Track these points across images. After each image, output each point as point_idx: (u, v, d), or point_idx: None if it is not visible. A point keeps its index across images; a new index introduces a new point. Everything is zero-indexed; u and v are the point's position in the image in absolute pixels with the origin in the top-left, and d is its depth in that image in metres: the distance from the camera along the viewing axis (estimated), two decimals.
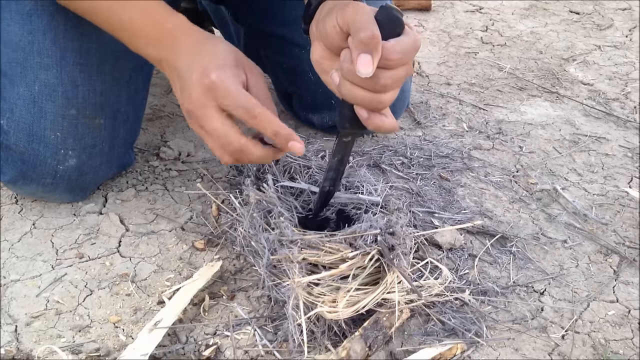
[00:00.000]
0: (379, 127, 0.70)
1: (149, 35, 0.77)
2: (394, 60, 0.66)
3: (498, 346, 0.78)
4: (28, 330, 0.78)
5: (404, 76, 0.68)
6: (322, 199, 0.87)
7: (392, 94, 0.69)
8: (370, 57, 0.63)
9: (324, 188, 0.85)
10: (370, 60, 0.64)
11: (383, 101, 0.68)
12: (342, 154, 0.80)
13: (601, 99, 1.45)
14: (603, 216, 1.04)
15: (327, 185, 0.84)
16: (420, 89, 1.47)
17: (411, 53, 0.68)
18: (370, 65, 0.64)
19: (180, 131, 1.22)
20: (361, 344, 0.73)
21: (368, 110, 0.70)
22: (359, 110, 0.70)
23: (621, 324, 0.83)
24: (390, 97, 0.69)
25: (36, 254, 0.90)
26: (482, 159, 1.19)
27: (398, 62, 0.66)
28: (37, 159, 0.90)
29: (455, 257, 0.92)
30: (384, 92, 0.67)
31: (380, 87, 0.67)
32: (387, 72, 0.66)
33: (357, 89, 0.67)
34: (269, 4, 1.16)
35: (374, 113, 0.70)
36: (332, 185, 0.85)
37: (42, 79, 0.87)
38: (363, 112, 0.70)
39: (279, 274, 0.79)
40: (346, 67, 0.67)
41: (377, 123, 0.70)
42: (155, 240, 0.94)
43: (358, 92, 0.68)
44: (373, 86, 0.67)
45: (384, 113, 0.70)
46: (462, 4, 2.07)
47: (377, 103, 0.68)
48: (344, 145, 0.79)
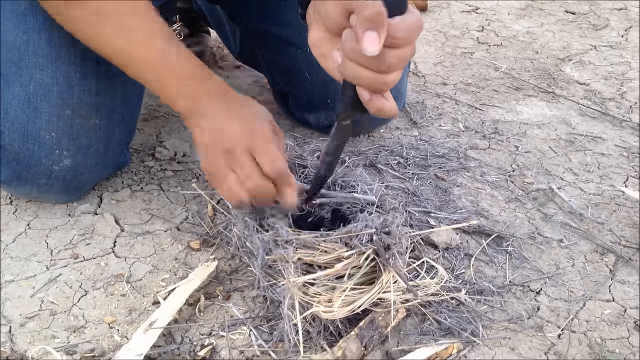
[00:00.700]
0: (380, 109, 0.68)
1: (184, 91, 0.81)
2: (400, 38, 0.63)
3: (494, 345, 0.78)
4: (22, 330, 0.77)
5: (409, 56, 0.66)
6: (317, 183, 0.85)
7: (396, 74, 0.66)
8: (377, 34, 0.60)
9: (319, 172, 0.83)
10: (377, 38, 0.60)
11: (387, 82, 0.65)
12: (340, 139, 0.78)
13: (597, 99, 1.46)
14: (599, 215, 1.04)
15: (322, 170, 0.82)
16: (416, 88, 1.47)
17: (416, 31, 0.65)
18: (377, 43, 0.60)
19: (176, 131, 1.22)
20: (357, 343, 0.73)
21: (371, 91, 0.67)
22: (361, 92, 0.68)
23: (617, 323, 0.83)
24: (395, 78, 0.66)
25: (31, 254, 0.89)
26: (478, 159, 1.19)
27: (404, 41, 0.63)
28: (31, 159, 0.90)
29: (452, 257, 0.92)
30: (388, 72, 0.65)
31: (386, 67, 0.64)
32: (392, 50, 0.63)
33: (361, 69, 0.64)
34: (265, 4, 1.16)
35: (377, 95, 0.67)
36: (328, 170, 0.82)
37: (37, 79, 0.87)
38: (365, 94, 0.67)
39: (274, 274, 0.79)
40: (350, 46, 0.64)
41: (379, 105, 0.68)
42: (151, 241, 0.93)
43: (362, 72, 0.65)
44: (378, 66, 0.64)
45: (386, 96, 0.68)
46: (458, 4, 2.07)
47: (381, 84, 0.65)
48: (343, 129, 0.76)
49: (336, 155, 0.81)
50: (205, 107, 0.80)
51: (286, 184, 0.78)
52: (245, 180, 0.77)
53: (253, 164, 0.77)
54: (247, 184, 0.78)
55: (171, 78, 0.80)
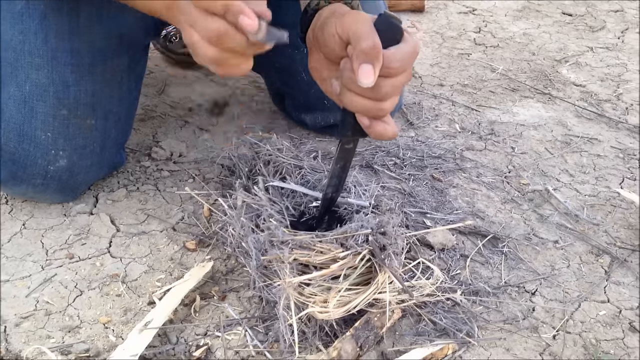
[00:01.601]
0: (381, 134, 0.71)
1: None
2: (395, 68, 0.66)
3: (489, 346, 0.78)
4: (17, 330, 0.77)
5: (404, 83, 0.69)
6: (324, 205, 0.86)
7: (392, 101, 0.69)
8: (372, 67, 0.64)
9: (326, 195, 0.84)
10: (372, 71, 0.64)
11: (384, 109, 0.68)
12: (345, 161, 0.80)
13: (593, 100, 1.46)
14: (594, 217, 1.04)
15: (329, 192, 0.84)
16: (413, 89, 1.47)
17: (411, 60, 0.68)
18: (372, 76, 0.64)
19: (172, 132, 1.22)
20: (352, 344, 0.73)
21: (370, 118, 0.70)
22: (361, 118, 0.71)
23: (612, 324, 0.83)
24: (391, 104, 0.69)
25: (26, 254, 0.89)
26: (475, 160, 1.19)
27: (398, 70, 0.66)
28: (27, 159, 0.90)
29: (447, 258, 0.92)
30: (384, 99, 0.68)
31: (382, 95, 0.67)
32: (387, 80, 0.66)
33: (359, 97, 0.68)
34: None
35: (376, 120, 0.70)
36: (335, 191, 0.85)
37: (33, 79, 0.87)
38: (365, 120, 0.70)
39: (270, 275, 0.79)
40: (347, 77, 0.67)
41: (379, 130, 0.70)
42: (146, 241, 0.93)
43: (359, 101, 0.68)
44: (374, 95, 0.67)
45: (386, 120, 0.71)
46: (455, 5, 2.07)
47: (379, 110, 0.68)
48: (346, 152, 0.79)
49: (342, 177, 0.83)
50: None
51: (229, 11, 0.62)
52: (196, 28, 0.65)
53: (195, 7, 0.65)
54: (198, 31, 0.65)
55: None
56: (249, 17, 0.63)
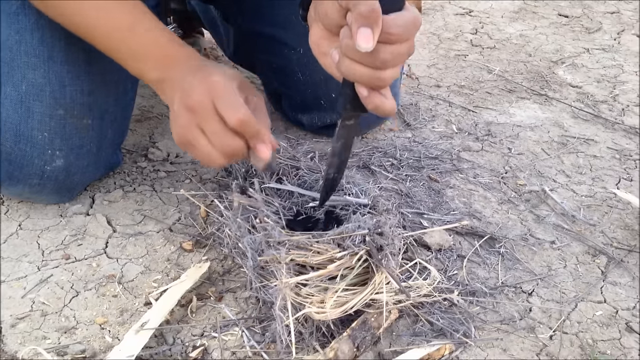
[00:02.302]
0: (378, 106, 0.68)
1: (157, 60, 0.79)
2: (395, 34, 0.63)
3: (486, 346, 0.78)
4: (13, 331, 0.77)
5: (405, 53, 0.66)
6: (327, 187, 0.83)
7: (392, 71, 0.66)
8: (371, 30, 0.61)
9: (328, 175, 0.81)
10: (371, 34, 0.61)
11: (383, 78, 0.65)
12: (346, 138, 0.77)
13: (589, 101, 1.46)
14: (591, 217, 1.05)
15: (331, 172, 0.80)
16: (410, 90, 1.47)
17: (412, 28, 0.65)
18: (371, 39, 0.61)
19: (169, 132, 1.20)
20: (349, 344, 0.73)
21: (368, 88, 0.67)
22: (359, 89, 0.68)
23: (609, 324, 0.83)
24: (391, 75, 0.66)
25: (22, 255, 0.89)
26: (471, 161, 1.19)
27: (399, 37, 0.64)
28: (24, 159, 0.89)
29: (444, 258, 0.92)
30: (384, 68, 0.65)
31: (380, 63, 0.64)
32: (387, 46, 0.63)
33: (357, 65, 0.65)
34: (259, 4, 1.16)
35: (374, 92, 0.67)
36: (337, 171, 0.81)
37: (30, 79, 0.87)
38: (363, 90, 0.68)
39: (267, 275, 0.79)
40: (345, 43, 0.64)
41: (376, 102, 0.68)
42: (143, 242, 0.93)
43: (357, 69, 0.65)
44: (373, 62, 0.64)
45: (384, 93, 0.68)
46: (452, 6, 2.08)
47: (377, 80, 0.65)
48: (347, 129, 0.75)
49: (343, 156, 0.79)
50: (174, 75, 0.78)
51: (255, 136, 0.74)
52: (213, 138, 0.74)
53: (217, 118, 0.74)
54: (216, 142, 0.74)
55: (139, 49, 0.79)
56: (267, 148, 0.74)
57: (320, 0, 0.70)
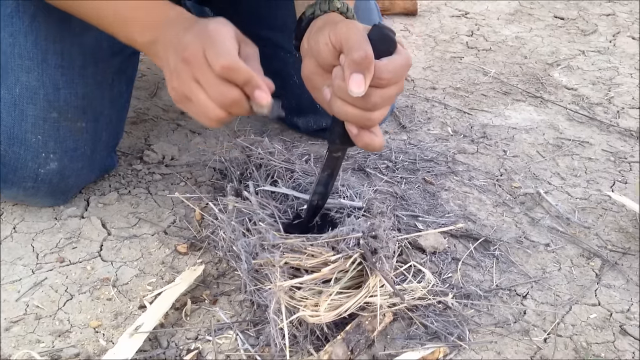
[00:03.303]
0: (367, 144, 0.71)
1: (145, 21, 0.75)
2: (386, 79, 0.66)
3: (480, 350, 0.78)
4: (7, 335, 0.77)
5: (394, 94, 0.69)
6: (310, 213, 0.86)
7: (382, 111, 0.69)
8: (363, 77, 0.64)
9: (312, 202, 0.85)
10: (363, 80, 0.64)
11: (373, 119, 0.69)
12: (332, 169, 0.81)
13: (585, 104, 1.46)
14: (585, 220, 1.05)
15: (315, 200, 0.84)
16: (405, 93, 1.47)
17: (403, 72, 0.68)
18: (362, 85, 0.64)
19: (165, 135, 1.21)
20: (343, 347, 0.73)
21: (358, 127, 0.70)
22: (350, 127, 0.71)
23: (603, 327, 0.84)
24: (380, 115, 0.69)
25: (16, 258, 0.89)
26: (467, 163, 1.19)
27: (390, 82, 0.67)
28: (17, 162, 0.89)
29: (439, 261, 0.92)
30: (374, 110, 0.68)
31: (371, 106, 0.67)
32: (378, 90, 0.67)
33: (348, 106, 0.68)
34: (255, 7, 1.16)
35: (364, 130, 0.71)
36: (321, 199, 0.85)
37: (23, 82, 0.86)
38: (353, 129, 0.71)
39: (261, 279, 0.79)
40: (338, 85, 0.67)
41: (366, 141, 0.71)
42: (138, 244, 0.93)
43: (349, 110, 0.68)
44: (364, 104, 0.67)
45: (374, 131, 0.71)
46: (448, 8, 2.08)
47: (367, 120, 0.69)
48: (334, 160, 0.79)
49: (328, 185, 0.83)
50: (168, 35, 0.74)
51: (248, 83, 0.69)
52: (208, 88, 0.69)
53: (209, 67, 0.69)
54: (211, 93, 0.69)
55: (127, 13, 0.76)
56: (265, 92, 0.70)
57: (314, 36, 0.72)
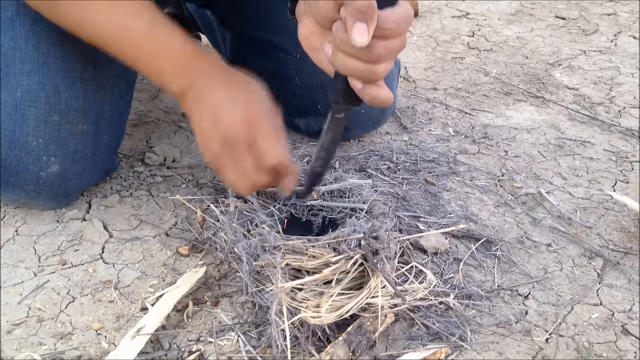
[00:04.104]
0: (374, 97, 0.68)
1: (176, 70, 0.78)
2: (389, 29, 0.64)
3: (482, 350, 0.78)
4: (9, 337, 0.77)
5: (398, 47, 0.67)
6: (311, 180, 0.83)
7: (386, 64, 0.67)
8: (366, 25, 0.61)
9: (314, 168, 0.81)
10: (366, 29, 0.61)
11: (377, 72, 0.66)
12: (335, 132, 0.77)
13: (586, 104, 1.46)
14: (587, 220, 1.05)
15: (317, 165, 0.81)
16: (406, 93, 1.47)
17: (405, 23, 0.66)
18: (366, 34, 0.62)
19: (166, 137, 1.21)
20: (345, 348, 0.73)
21: (362, 81, 0.68)
22: (353, 82, 0.68)
23: (605, 327, 0.83)
24: (385, 68, 0.67)
25: (18, 260, 0.89)
26: (468, 163, 1.19)
27: (393, 32, 0.64)
28: (19, 165, 0.89)
29: (440, 261, 0.92)
30: (378, 62, 0.66)
31: (375, 57, 0.65)
32: (381, 41, 0.64)
33: (351, 59, 0.65)
34: (256, 9, 1.16)
35: (369, 84, 0.68)
36: (322, 165, 0.81)
37: (24, 85, 0.87)
38: (357, 84, 0.68)
39: (263, 280, 0.79)
40: (340, 37, 0.65)
41: (372, 94, 0.68)
42: (139, 247, 0.93)
43: (352, 63, 0.66)
44: (367, 56, 0.65)
45: (379, 84, 0.68)
46: (449, 9, 2.08)
47: (372, 73, 0.66)
48: (337, 122, 0.75)
49: (331, 150, 0.79)
50: (201, 85, 0.77)
51: (285, 175, 0.78)
52: (245, 173, 0.76)
53: (252, 157, 0.76)
54: (246, 176, 0.77)
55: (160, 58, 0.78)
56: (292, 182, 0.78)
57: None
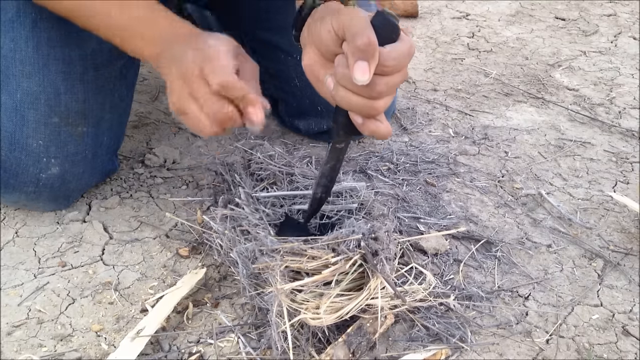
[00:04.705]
0: (374, 132, 0.70)
1: (152, 35, 0.77)
2: (390, 66, 0.65)
3: (482, 351, 0.78)
4: (9, 339, 0.77)
5: (399, 82, 0.68)
6: (313, 206, 0.85)
7: (386, 100, 0.68)
8: (367, 64, 0.63)
9: (315, 195, 0.83)
10: (367, 68, 0.63)
11: (378, 107, 0.67)
12: (335, 161, 0.79)
13: (586, 104, 1.46)
14: (587, 220, 1.05)
15: (319, 192, 0.82)
16: (407, 95, 1.47)
17: (406, 59, 0.67)
18: (367, 73, 0.63)
19: (166, 138, 1.21)
20: (345, 350, 0.73)
21: (363, 116, 0.69)
22: (354, 117, 0.70)
23: (605, 327, 0.83)
24: (385, 103, 0.68)
25: (18, 262, 0.89)
26: (468, 165, 1.19)
27: (394, 69, 0.66)
28: (19, 167, 0.89)
29: (441, 263, 0.92)
30: (379, 98, 0.67)
31: (376, 94, 0.66)
32: (382, 78, 0.65)
33: (352, 95, 0.67)
34: (256, 10, 1.16)
35: (369, 119, 0.69)
36: (325, 192, 0.83)
37: (25, 87, 0.87)
38: (358, 118, 0.69)
39: (262, 283, 0.79)
40: (341, 73, 0.66)
41: (372, 128, 0.69)
42: (139, 248, 0.93)
43: (353, 99, 0.67)
44: (368, 93, 0.66)
45: (379, 119, 0.70)
46: (449, 10, 2.08)
47: (372, 109, 0.67)
48: (338, 152, 0.78)
49: (332, 177, 0.82)
50: (172, 49, 0.76)
51: (243, 100, 0.73)
52: (202, 103, 0.73)
53: (204, 82, 0.72)
54: (205, 108, 0.73)
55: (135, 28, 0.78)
56: (258, 110, 0.73)
57: (315, 24, 0.71)
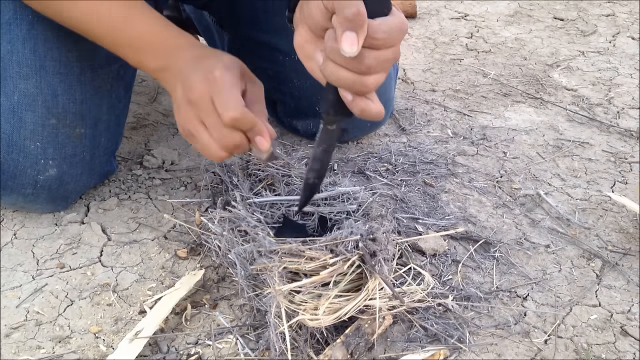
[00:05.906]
0: (363, 110, 0.67)
1: (156, 50, 0.79)
2: (380, 39, 0.62)
3: (481, 352, 0.78)
4: (7, 341, 0.77)
5: (390, 59, 0.65)
6: (306, 192, 0.81)
7: (377, 77, 0.65)
8: (355, 35, 0.60)
9: (308, 180, 0.79)
10: (355, 38, 0.60)
11: (367, 84, 0.64)
12: (327, 143, 0.75)
13: (585, 105, 1.46)
14: (586, 221, 1.05)
15: (311, 177, 0.79)
16: (405, 95, 1.47)
17: (398, 34, 0.64)
18: (355, 44, 0.60)
19: (165, 139, 1.21)
20: (343, 351, 0.73)
21: (352, 93, 0.66)
22: (343, 93, 0.67)
23: (604, 328, 0.83)
24: (375, 81, 0.65)
25: (17, 264, 0.89)
26: (467, 165, 1.19)
27: (384, 42, 0.63)
28: (16, 169, 0.89)
29: (439, 263, 0.92)
30: (368, 73, 0.64)
31: (365, 68, 0.63)
32: (372, 52, 0.63)
33: (341, 69, 0.64)
34: (253, 11, 1.16)
35: (359, 96, 0.66)
36: (317, 177, 0.79)
37: (22, 89, 0.87)
38: (347, 95, 0.66)
39: (260, 284, 0.79)
40: (330, 46, 0.63)
41: (361, 106, 0.66)
42: (138, 250, 0.93)
43: (341, 73, 0.64)
44: (357, 67, 0.63)
45: (370, 97, 0.67)
46: (448, 11, 2.08)
47: (361, 85, 0.64)
48: (329, 134, 0.74)
49: (324, 161, 0.78)
50: (176, 64, 0.78)
51: (253, 130, 0.76)
52: (213, 131, 0.75)
53: (216, 112, 0.74)
54: (215, 135, 0.75)
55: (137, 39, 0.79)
56: (266, 140, 0.76)
57: (306, 1, 0.69)
